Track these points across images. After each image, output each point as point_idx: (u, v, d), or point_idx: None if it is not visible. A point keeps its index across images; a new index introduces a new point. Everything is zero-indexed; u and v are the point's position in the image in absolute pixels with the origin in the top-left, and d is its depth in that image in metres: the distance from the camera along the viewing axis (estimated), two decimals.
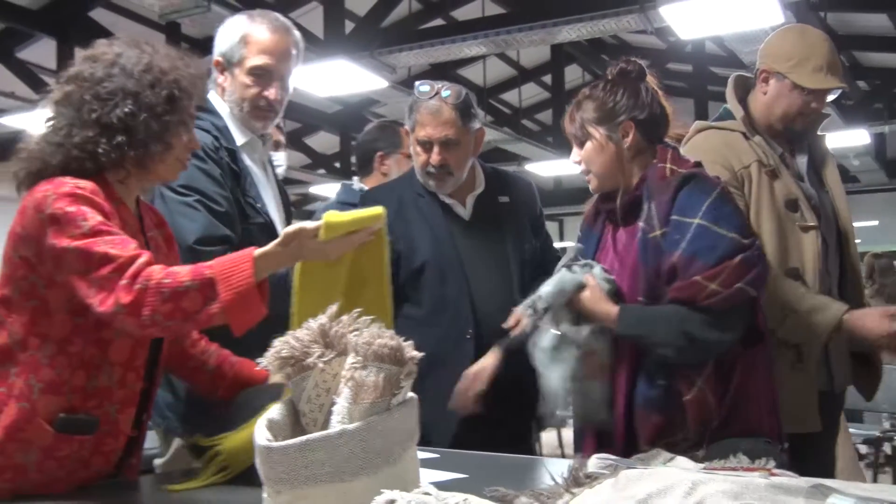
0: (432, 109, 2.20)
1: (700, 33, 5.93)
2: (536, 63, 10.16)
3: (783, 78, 2.22)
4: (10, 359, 1.48)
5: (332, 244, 1.44)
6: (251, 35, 2.04)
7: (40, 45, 7.32)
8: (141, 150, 1.53)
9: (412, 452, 1.00)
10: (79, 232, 1.40)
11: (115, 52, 1.56)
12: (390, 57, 5.96)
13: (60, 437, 1.48)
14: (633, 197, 1.86)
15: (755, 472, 1.48)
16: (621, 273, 1.85)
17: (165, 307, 1.34)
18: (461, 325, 2.21)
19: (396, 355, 0.95)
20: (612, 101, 1.89)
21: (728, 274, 1.69)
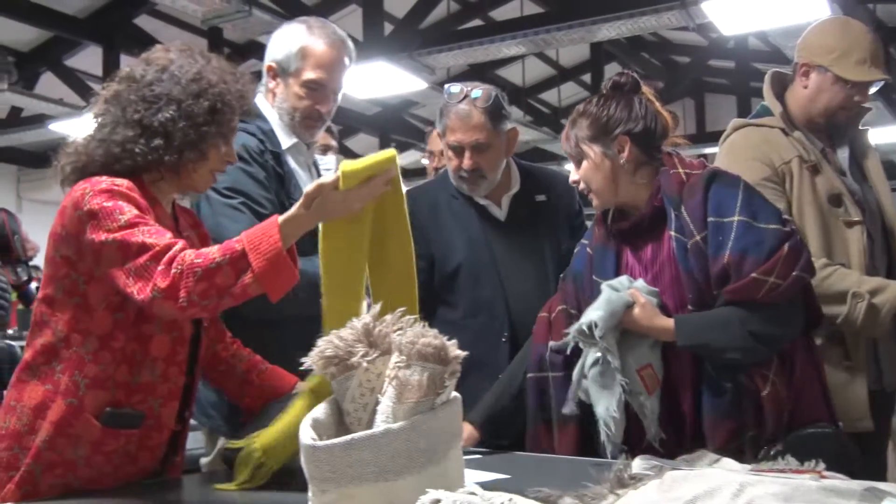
0: (462, 114, 2.17)
1: (743, 29, 5.85)
2: (576, 62, 10.09)
3: (825, 71, 2.18)
4: (55, 356, 1.52)
5: (352, 193, 1.44)
6: (309, 48, 2.06)
7: (87, 52, 7.48)
8: (176, 156, 1.56)
9: (456, 452, 0.99)
10: (116, 225, 1.43)
11: (169, 59, 1.60)
12: (429, 58, 5.97)
13: (107, 431, 1.51)
14: (653, 208, 1.83)
15: (805, 473, 1.45)
16: (657, 287, 1.82)
17: (200, 286, 1.36)
18: (497, 328, 2.19)
19: (440, 354, 0.95)
20: (606, 117, 1.85)
21: (782, 265, 1.68)
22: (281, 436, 1.52)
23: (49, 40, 7.43)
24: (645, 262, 1.86)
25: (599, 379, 1.74)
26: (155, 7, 6.77)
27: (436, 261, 2.24)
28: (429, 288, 2.21)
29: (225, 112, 1.58)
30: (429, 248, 2.23)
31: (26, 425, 1.51)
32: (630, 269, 1.87)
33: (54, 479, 1.51)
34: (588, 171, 1.87)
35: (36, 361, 1.54)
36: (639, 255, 1.87)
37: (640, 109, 1.86)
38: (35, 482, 1.50)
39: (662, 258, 1.82)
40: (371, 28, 6.01)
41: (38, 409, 1.51)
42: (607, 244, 1.93)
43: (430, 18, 6.97)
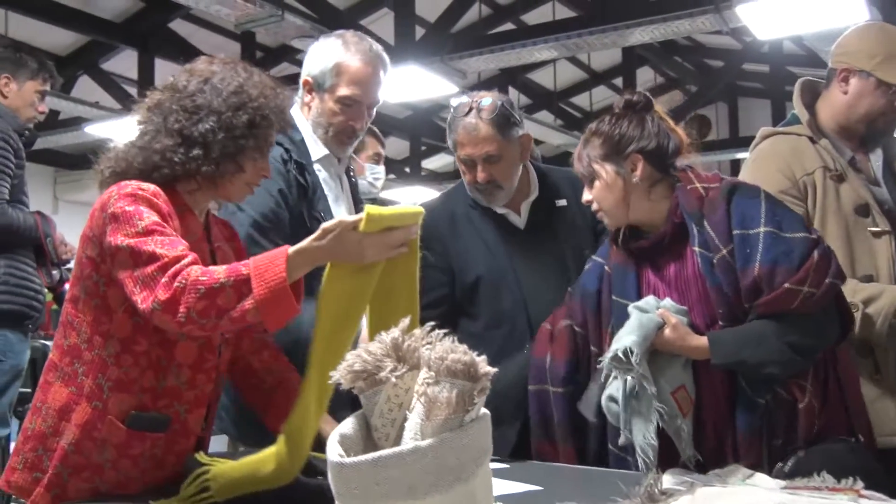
0: (469, 128, 2.13)
1: (778, 33, 5.77)
2: (607, 66, 10.04)
3: (867, 76, 2.15)
4: (79, 358, 1.53)
5: (369, 240, 1.40)
6: (344, 64, 2.07)
7: (123, 56, 7.58)
8: (213, 167, 1.57)
9: (485, 469, 0.98)
10: (133, 230, 1.44)
11: (211, 70, 1.62)
12: (460, 62, 5.97)
13: (133, 434, 1.52)
14: (674, 225, 1.81)
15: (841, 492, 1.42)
16: (687, 304, 1.79)
17: (200, 304, 1.36)
18: (518, 340, 2.14)
19: (470, 371, 0.94)
20: (618, 135, 1.84)
21: (814, 273, 1.66)
22: (237, 474, 1.50)
23: (86, 44, 7.54)
24: (668, 280, 1.83)
25: (635, 405, 1.70)
26: (189, 11, 6.84)
27: (455, 273, 2.22)
28: (451, 300, 2.20)
29: (263, 126, 1.60)
30: (448, 261, 2.22)
31: (51, 427, 1.53)
32: (653, 288, 1.84)
33: (81, 482, 1.52)
34: (600, 190, 1.86)
35: (61, 363, 1.56)
36: (661, 273, 1.84)
37: (652, 127, 1.84)
38: (63, 486, 1.51)
39: (687, 275, 1.79)
40: (402, 32, 6.03)
41: (62, 411, 1.53)
42: (627, 264, 1.89)
43: (462, 22, 6.98)
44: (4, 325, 3.07)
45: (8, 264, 3.05)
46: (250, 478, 1.49)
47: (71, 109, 7.19)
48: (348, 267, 1.44)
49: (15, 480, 1.54)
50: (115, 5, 7.00)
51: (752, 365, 1.69)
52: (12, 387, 3.14)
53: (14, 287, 3.05)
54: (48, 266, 3.22)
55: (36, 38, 7.06)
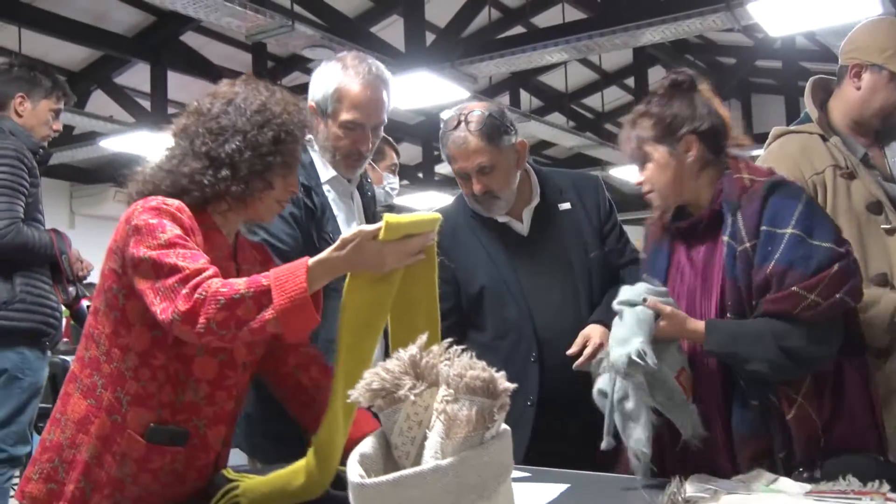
0: (458, 141, 2.10)
1: (790, 30, 5.73)
2: (619, 66, 10.01)
3: (880, 70, 2.12)
4: (98, 370, 1.54)
5: (388, 248, 1.41)
6: (344, 89, 2.06)
7: (135, 69, 7.64)
8: (242, 186, 1.58)
9: (507, 486, 0.98)
10: (155, 243, 1.45)
11: (234, 91, 1.63)
12: (471, 67, 5.97)
13: (153, 447, 1.53)
14: (712, 211, 1.79)
15: (868, 495, 1.40)
16: (705, 292, 1.78)
17: (220, 315, 1.36)
18: (525, 349, 2.13)
19: (489, 388, 0.93)
20: (670, 116, 1.80)
21: (827, 284, 1.62)
22: (267, 488, 1.51)
23: (99, 59, 7.60)
24: (696, 264, 1.82)
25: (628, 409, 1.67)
26: (200, 24, 6.88)
27: (460, 283, 2.20)
28: (457, 311, 2.19)
29: (288, 142, 1.61)
30: (452, 272, 2.21)
31: (69, 439, 1.54)
32: (681, 269, 1.85)
33: (103, 498, 1.52)
34: (654, 172, 1.83)
35: (81, 374, 1.57)
36: (691, 256, 1.84)
37: (703, 108, 1.82)
38: (86, 501, 1.52)
39: (714, 262, 1.78)
40: (413, 38, 6.03)
41: (81, 423, 1.54)
42: (661, 243, 1.91)
43: (472, 27, 6.98)
44: (22, 342, 3.08)
45: (24, 282, 3.07)
46: (280, 492, 1.50)
47: (85, 124, 7.25)
48: (368, 276, 1.44)
49: (30, 491, 1.55)
50: (126, 20, 7.05)
51: (742, 359, 1.67)
52: (31, 404, 3.15)
53: (31, 305, 3.07)
54: (64, 283, 3.23)
55: (49, 55, 7.13)
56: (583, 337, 2.05)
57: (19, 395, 3.09)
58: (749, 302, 1.70)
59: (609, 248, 2.27)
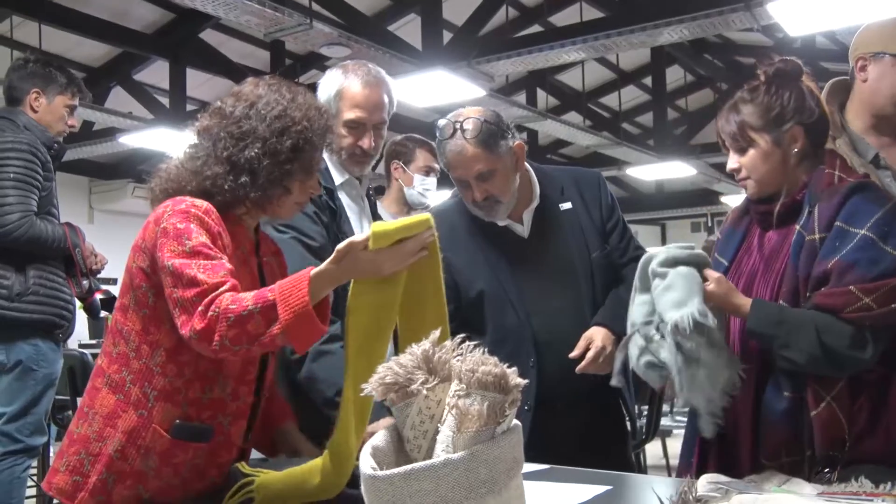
0: (456, 150, 2.10)
1: (810, 29, 5.68)
2: (636, 65, 9.97)
3: (883, 55, 2.11)
4: (127, 366, 1.57)
5: (383, 255, 1.43)
6: (345, 90, 2.16)
7: (155, 66, 7.69)
8: (260, 193, 1.61)
9: (517, 481, 0.98)
10: (181, 249, 1.48)
11: (257, 95, 1.65)
12: (488, 66, 5.96)
13: (176, 443, 1.55)
14: (794, 200, 1.78)
15: (880, 497, 1.40)
16: (766, 275, 1.77)
17: (232, 332, 1.39)
18: (523, 355, 2.10)
19: (501, 383, 0.94)
20: (779, 106, 1.78)
21: (886, 292, 1.59)
22: (282, 485, 1.53)
23: (118, 56, 7.65)
24: (765, 248, 1.81)
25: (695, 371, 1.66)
26: (219, 21, 6.91)
27: (459, 288, 2.19)
28: (458, 316, 2.15)
29: (307, 150, 1.63)
30: (451, 276, 2.18)
31: (96, 432, 1.56)
32: (750, 250, 1.84)
33: (125, 490, 1.55)
34: (755, 159, 1.80)
35: (109, 370, 1.59)
36: (762, 240, 1.83)
37: (811, 100, 1.80)
38: (108, 492, 1.55)
39: (782, 249, 1.77)
40: (430, 37, 6.03)
41: (108, 417, 1.56)
42: (738, 225, 1.91)
43: (489, 26, 6.96)
44: (36, 334, 3.13)
45: (38, 274, 3.11)
46: (296, 490, 1.52)
47: (105, 120, 7.30)
48: (372, 280, 1.46)
49: (56, 482, 1.58)
50: (146, 17, 7.10)
51: (780, 344, 1.65)
52: (46, 395, 3.19)
53: (44, 297, 3.11)
54: (78, 276, 3.27)
55: (69, 51, 7.19)
56: (585, 339, 2.05)
57: (34, 387, 3.13)
58: (804, 294, 1.68)
59: (612, 245, 2.25)
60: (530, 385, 2.08)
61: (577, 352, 2.02)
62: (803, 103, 1.79)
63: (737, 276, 1.82)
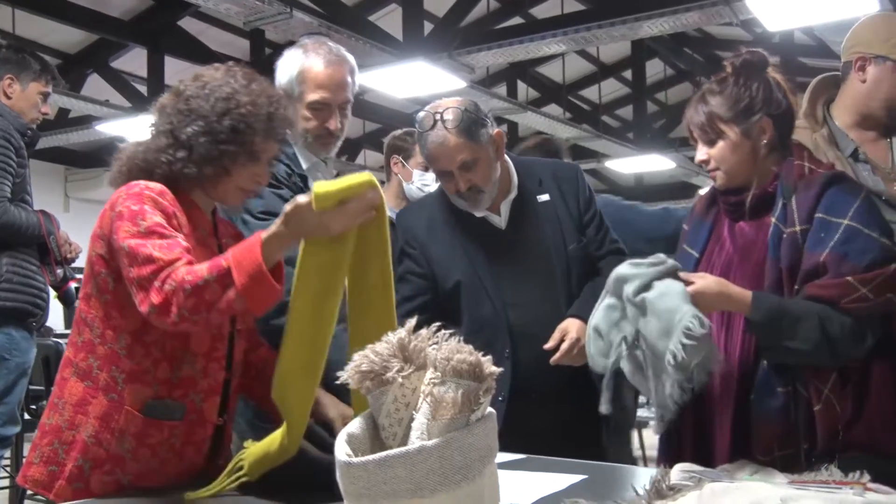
0: (437, 141, 2.09)
1: (788, 25, 5.73)
2: (616, 58, 10.00)
3: (884, 60, 2.15)
4: (93, 353, 1.58)
5: (328, 216, 1.43)
6: (307, 71, 2.11)
7: (132, 54, 7.61)
8: (196, 170, 1.61)
9: (492, 468, 0.99)
10: (135, 230, 1.49)
11: (213, 76, 1.67)
12: (468, 57, 5.96)
13: (150, 422, 1.57)
14: (765, 192, 1.79)
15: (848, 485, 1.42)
16: (743, 267, 1.78)
17: (190, 302, 1.41)
18: (498, 346, 2.11)
19: (475, 371, 0.95)
20: (748, 97, 1.78)
21: (881, 282, 1.62)
22: (259, 450, 1.56)
23: (95, 43, 7.56)
24: (738, 239, 1.82)
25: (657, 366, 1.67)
26: (198, 9, 6.86)
27: (437, 278, 2.20)
28: (433, 306, 2.18)
29: (247, 133, 1.62)
30: (429, 266, 2.21)
31: (67, 421, 1.57)
32: (721, 241, 1.85)
33: (103, 475, 1.56)
34: (725, 150, 1.80)
35: (76, 358, 1.60)
36: (734, 232, 1.84)
37: (778, 92, 1.81)
38: (86, 479, 1.55)
39: (757, 241, 1.78)
40: (410, 27, 6.02)
41: (79, 405, 1.57)
42: (706, 215, 1.91)
43: (470, 17, 6.96)
44: (9, 322, 3.10)
45: (11, 262, 3.08)
46: (266, 454, 1.55)
47: (81, 108, 7.22)
48: (321, 240, 1.47)
49: (32, 475, 1.58)
50: (124, 3, 7.02)
51: (785, 336, 1.64)
52: (19, 385, 3.17)
53: (17, 285, 3.08)
54: (52, 264, 3.24)
55: (45, 37, 7.10)
56: (560, 331, 2.06)
57: (7, 376, 3.10)
58: (790, 285, 1.69)
59: (588, 238, 2.26)
60: (505, 376, 2.08)
61: (552, 343, 2.03)
62: (771, 95, 1.79)
63: (709, 268, 1.83)
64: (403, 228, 2.30)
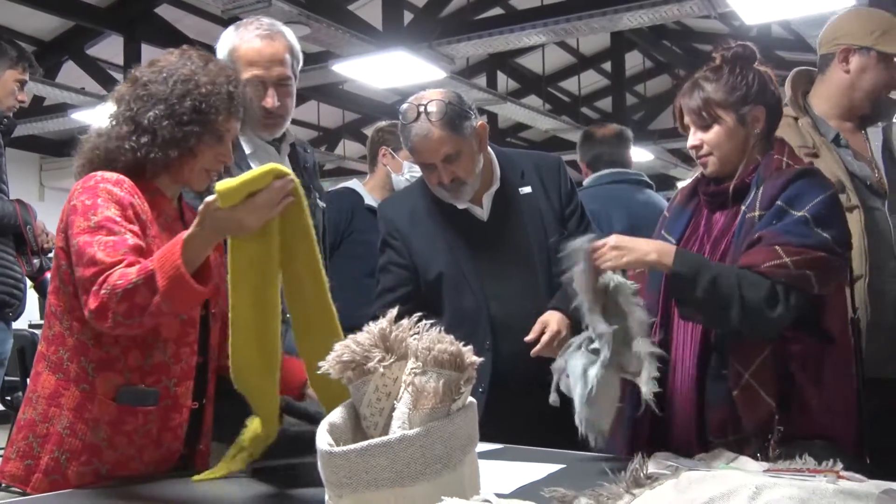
0: (421, 133, 2.08)
1: (765, 18, 5.79)
2: (596, 50, 10.02)
3: (868, 51, 2.19)
4: (63, 345, 1.58)
5: (241, 211, 1.41)
6: (237, 48, 2.02)
7: (108, 41, 7.51)
8: (161, 153, 1.60)
9: (472, 457, 1.00)
10: (86, 224, 1.49)
11: (170, 61, 1.66)
12: (448, 47, 5.95)
13: (124, 409, 1.57)
14: (743, 183, 1.81)
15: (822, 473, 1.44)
16: (711, 256, 1.79)
17: (122, 307, 1.41)
18: (479, 338, 2.10)
19: (456, 361, 0.96)
20: (745, 87, 1.81)
21: (806, 259, 1.65)
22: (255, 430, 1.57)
23: (71, 29, 7.46)
24: (712, 230, 1.84)
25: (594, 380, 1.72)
26: None
27: (419, 270, 2.20)
28: (415, 297, 2.19)
29: (209, 112, 1.62)
30: (411, 258, 2.21)
31: (40, 414, 1.57)
32: (697, 231, 1.87)
33: (80, 466, 1.55)
34: (720, 136, 1.81)
35: (48, 352, 1.60)
36: (710, 222, 1.86)
37: (770, 84, 1.84)
38: (63, 471, 1.55)
39: (729, 232, 1.80)
40: (391, 17, 6.00)
41: (51, 397, 1.57)
42: (686, 205, 1.93)
43: (450, 7, 6.94)
44: None
45: None
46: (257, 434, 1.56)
47: (56, 96, 7.13)
48: (245, 237, 1.46)
49: (9, 470, 1.58)
50: None
51: (702, 287, 1.66)
52: None
53: None
54: (28, 254, 3.21)
55: (19, 23, 6.99)
56: (541, 323, 2.05)
57: None
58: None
59: (570, 231, 2.25)
60: (485, 367, 2.08)
61: (533, 335, 2.03)
62: (766, 86, 1.82)
63: None
64: (386, 219, 2.29)
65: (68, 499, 1.48)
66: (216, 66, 1.67)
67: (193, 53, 1.68)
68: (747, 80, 1.81)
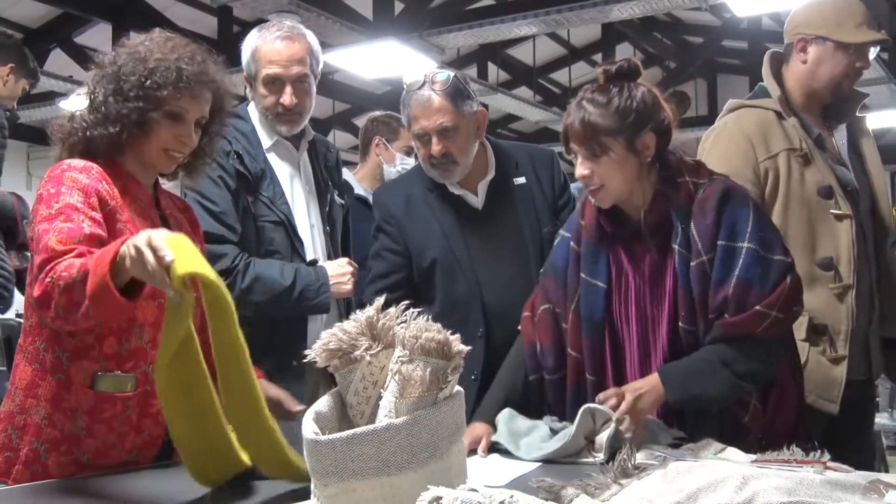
0: (422, 100, 2.12)
1: (755, 10, 5.78)
2: (587, 42, 10.00)
3: (824, 41, 2.17)
4: (39, 335, 1.57)
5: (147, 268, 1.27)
6: (259, 49, 2.16)
7: (97, 29, 7.45)
8: (114, 132, 1.58)
9: (459, 446, 1.00)
10: (48, 212, 1.48)
11: (131, 44, 1.65)
12: (439, 38, 5.93)
13: (102, 397, 1.55)
14: (660, 217, 1.75)
15: (809, 465, 1.45)
16: (654, 298, 1.77)
17: (62, 300, 1.38)
18: (472, 325, 2.13)
19: (443, 349, 0.95)
20: (635, 112, 1.70)
21: (785, 299, 1.66)
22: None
23: (59, 17, 7.40)
24: (643, 269, 1.79)
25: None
26: None
27: (413, 256, 2.22)
28: (409, 284, 2.21)
29: (152, 88, 1.57)
30: (405, 244, 2.22)
31: (18, 405, 1.56)
32: (625, 272, 1.81)
33: (60, 456, 1.54)
34: (610, 166, 1.71)
35: (25, 343, 1.59)
36: (636, 261, 1.80)
37: (658, 105, 1.76)
38: (43, 462, 1.53)
39: (665, 270, 1.76)
40: (381, 7, 5.97)
41: (28, 388, 1.56)
42: (600, 244, 1.83)
43: None
44: None
45: None
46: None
47: (44, 84, 7.05)
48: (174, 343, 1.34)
49: None
50: None
51: (707, 400, 1.70)
52: None
53: None
54: (17, 249, 3.21)
55: (6, 10, 6.93)
56: None
57: None
58: (704, 314, 1.71)
59: (562, 222, 2.22)
60: (478, 355, 2.11)
61: None
62: (656, 109, 1.73)
63: (620, 301, 1.81)
64: (380, 205, 2.31)
65: (47, 489, 1.47)
66: (174, 44, 1.63)
67: (159, 35, 1.65)
68: (635, 101, 1.71)
